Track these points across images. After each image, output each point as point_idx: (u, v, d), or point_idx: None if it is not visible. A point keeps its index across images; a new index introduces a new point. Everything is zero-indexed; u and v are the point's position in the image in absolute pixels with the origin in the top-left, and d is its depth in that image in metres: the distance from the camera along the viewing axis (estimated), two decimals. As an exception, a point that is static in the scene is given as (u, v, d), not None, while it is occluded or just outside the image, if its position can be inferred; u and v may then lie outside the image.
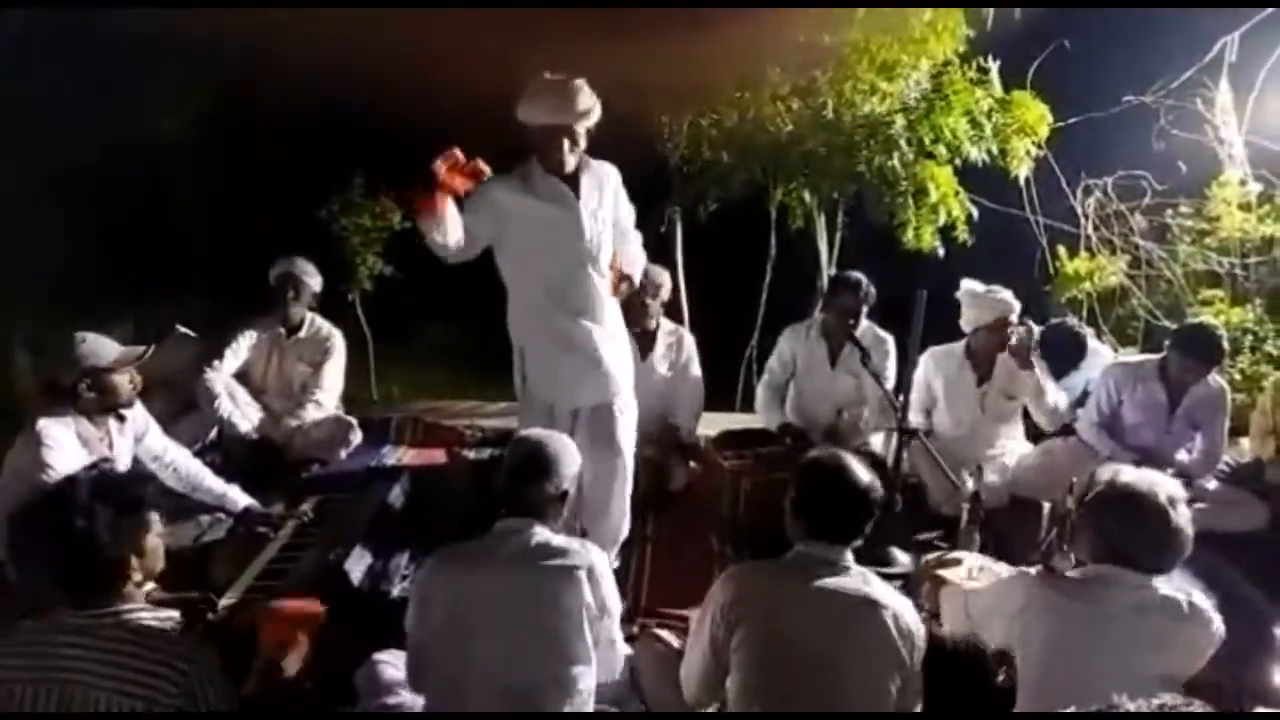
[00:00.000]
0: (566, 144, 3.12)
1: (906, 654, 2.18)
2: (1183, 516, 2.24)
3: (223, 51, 5.32)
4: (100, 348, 3.14)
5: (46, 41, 5.40)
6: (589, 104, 3.10)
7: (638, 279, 3.61)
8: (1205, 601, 2.33)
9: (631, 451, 3.44)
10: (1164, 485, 2.28)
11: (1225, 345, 3.99)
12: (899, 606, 2.22)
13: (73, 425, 3.08)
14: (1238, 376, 5.23)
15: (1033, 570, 2.44)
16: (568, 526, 2.63)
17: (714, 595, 2.30)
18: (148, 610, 1.95)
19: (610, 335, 3.36)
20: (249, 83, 6.36)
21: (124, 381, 3.19)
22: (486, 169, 3.02)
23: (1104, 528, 2.29)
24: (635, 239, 3.55)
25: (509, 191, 3.15)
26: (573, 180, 3.21)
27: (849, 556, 2.28)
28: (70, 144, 5.75)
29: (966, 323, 4.11)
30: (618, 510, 3.43)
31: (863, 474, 2.30)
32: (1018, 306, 4.09)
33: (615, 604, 2.41)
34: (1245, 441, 4.50)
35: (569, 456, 2.45)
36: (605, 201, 3.30)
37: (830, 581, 2.22)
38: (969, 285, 4.13)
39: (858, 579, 2.24)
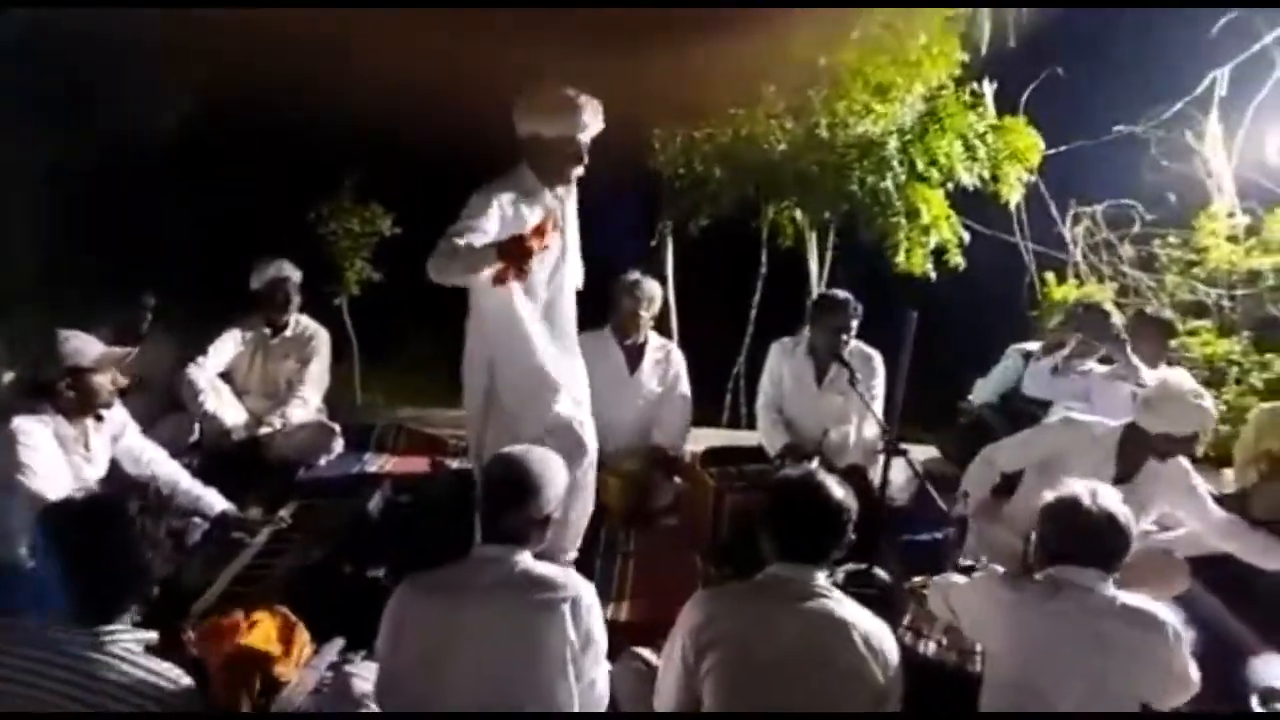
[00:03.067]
0: (572, 158, 3.12)
1: (880, 674, 2.17)
2: (1114, 511, 2.35)
3: (213, 53, 5.29)
4: (84, 346, 3.09)
5: (32, 40, 5.36)
6: (598, 118, 3.09)
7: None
8: (1172, 617, 2.40)
9: (595, 461, 3.47)
10: (1097, 488, 2.41)
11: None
12: (870, 627, 2.21)
13: (50, 424, 3.04)
14: (1223, 408, 5.24)
15: (998, 570, 2.48)
16: None
17: (683, 620, 2.28)
18: (127, 630, 1.91)
19: (576, 351, 3.44)
20: (238, 84, 6.35)
21: (105, 382, 3.15)
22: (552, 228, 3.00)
23: (1047, 533, 2.42)
24: None
25: (511, 205, 3.09)
26: (562, 197, 3.22)
27: (820, 577, 2.27)
28: (53, 142, 5.70)
29: (1156, 422, 3.26)
30: (579, 517, 3.47)
31: (835, 492, 2.28)
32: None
33: (600, 636, 2.29)
34: (1229, 473, 4.50)
35: (555, 476, 2.33)
36: (575, 215, 3.33)
37: (800, 603, 2.21)
38: (1177, 379, 3.43)
39: (828, 600, 2.22)
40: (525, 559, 2.25)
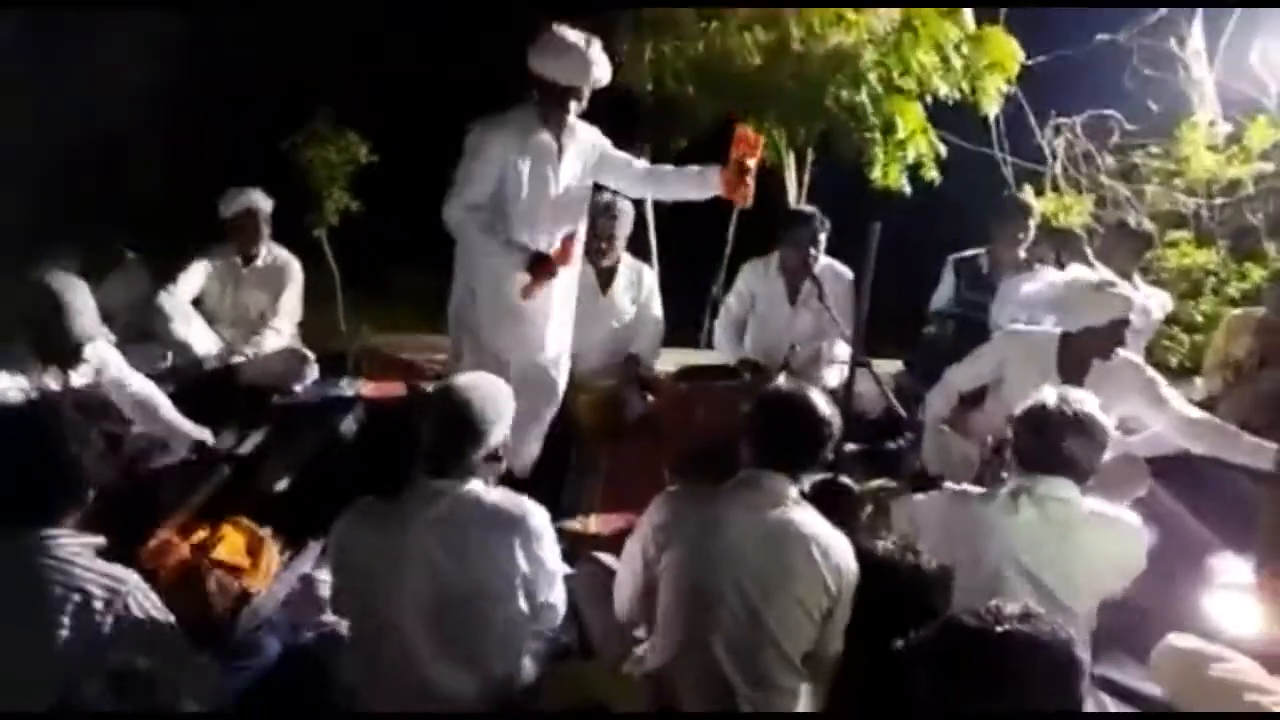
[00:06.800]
0: (574, 105, 3.20)
1: (834, 586, 2.20)
2: (1084, 417, 2.37)
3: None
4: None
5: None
6: (606, 69, 3.18)
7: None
8: (1138, 521, 2.45)
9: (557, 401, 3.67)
10: (1069, 393, 2.44)
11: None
12: (831, 540, 2.23)
13: (29, 378, 3.01)
14: (1199, 318, 5.25)
15: (954, 487, 2.52)
16: None
17: (649, 515, 2.32)
18: (69, 535, 1.91)
19: (565, 294, 3.50)
20: (213, 13, 6.25)
21: None
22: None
23: (1018, 441, 2.43)
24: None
25: (504, 147, 3.22)
26: (560, 141, 3.29)
27: (790, 486, 2.28)
28: (23, 76, 5.61)
29: (1072, 321, 3.32)
30: (532, 448, 3.64)
31: (823, 408, 2.30)
32: (1139, 303, 3.50)
33: (553, 561, 2.29)
34: (1199, 380, 4.53)
35: (502, 411, 2.27)
36: (587, 167, 3.40)
37: (762, 509, 2.23)
38: (1081, 275, 3.47)
39: (793, 510, 2.24)
40: (475, 487, 2.21)
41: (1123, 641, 2.67)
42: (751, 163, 3.30)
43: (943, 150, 5.11)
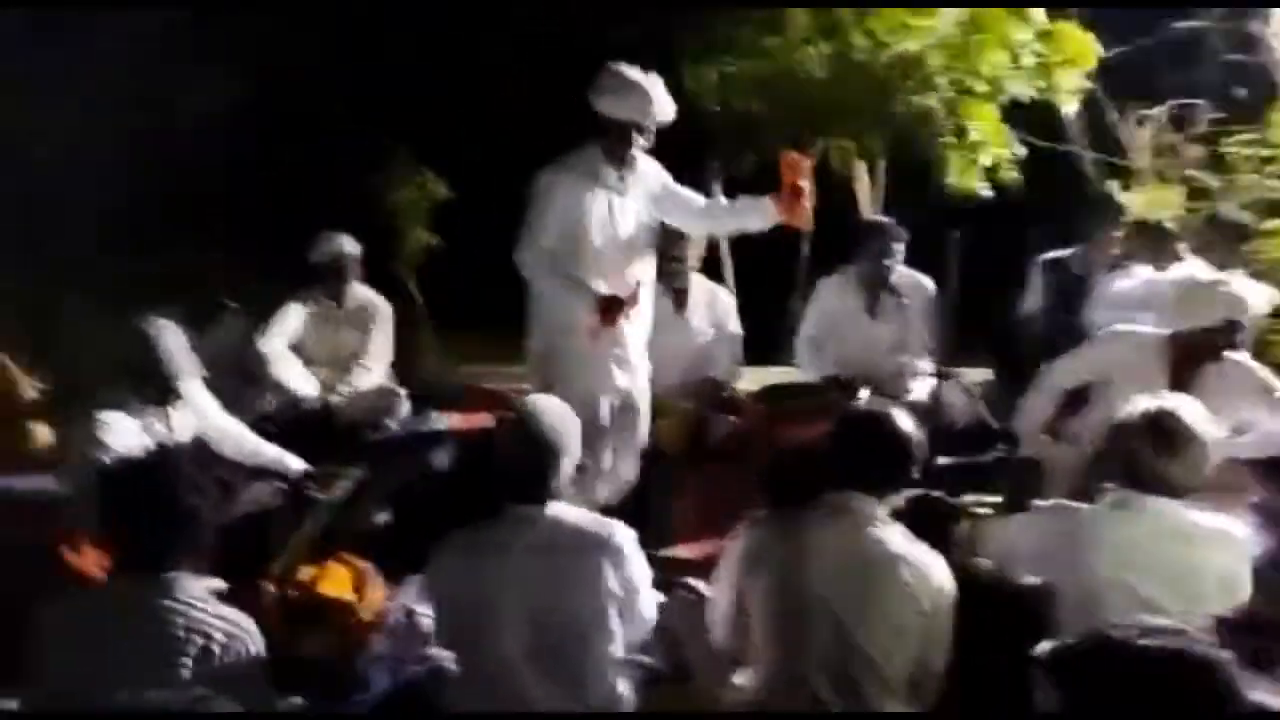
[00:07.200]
0: (639, 141, 3.28)
1: (929, 605, 2.16)
2: (1192, 442, 2.24)
3: (271, 21, 5.40)
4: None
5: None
6: (669, 104, 3.27)
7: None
8: (1245, 531, 2.34)
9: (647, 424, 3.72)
10: (1166, 402, 2.32)
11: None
12: (922, 558, 2.19)
13: (137, 416, 3.16)
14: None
15: (1049, 503, 2.44)
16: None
17: (736, 542, 2.32)
18: (191, 578, 2.01)
19: (641, 323, 3.57)
20: (296, 54, 6.50)
21: None
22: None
23: (1131, 453, 2.29)
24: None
25: (572, 189, 3.33)
26: (625, 179, 3.38)
27: (877, 507, 2.25)
28: (115, 115, 5.90)
29: (1183, 319, 3.20)
30: (628, 474, 3.69)
31: (903, 426, 2.28)
32: (1252, 304, 3.36)
33: (643, 579, 2.30)
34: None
35: (570, 433, 2.29)
36: (652, 202, 3.48)
37: (850, 531, 2.21)
38: (1193, 272, 3.42)
39: (881, 529, 2.21)
40: (559, 511, 2.25)
41: (1247, 657, 2.55)
42: (804, 184, 3.33)
43: (1021, 151, 5.00)
